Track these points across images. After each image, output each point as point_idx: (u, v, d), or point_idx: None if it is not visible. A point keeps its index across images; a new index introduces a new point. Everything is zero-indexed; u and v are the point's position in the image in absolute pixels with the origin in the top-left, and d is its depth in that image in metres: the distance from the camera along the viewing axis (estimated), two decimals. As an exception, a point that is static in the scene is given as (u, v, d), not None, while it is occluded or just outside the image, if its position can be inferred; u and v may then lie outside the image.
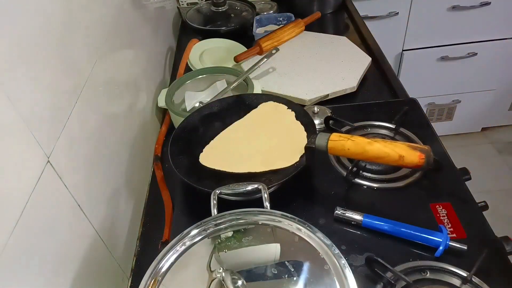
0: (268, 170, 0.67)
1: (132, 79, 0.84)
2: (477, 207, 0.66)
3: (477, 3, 1.65)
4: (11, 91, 0.42)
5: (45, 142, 0.48)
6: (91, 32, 0.66)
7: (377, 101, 0.91)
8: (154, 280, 0.46)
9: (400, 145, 0.61)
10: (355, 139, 0.63)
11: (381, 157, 0.61)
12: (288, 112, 0.77)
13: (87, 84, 0.61)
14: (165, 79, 1.10)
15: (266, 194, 0.56)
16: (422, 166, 0.59)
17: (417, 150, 0.59)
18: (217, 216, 0.53)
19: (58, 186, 0.50)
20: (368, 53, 1.06)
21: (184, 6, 1.38)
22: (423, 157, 0.59)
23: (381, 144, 0.61)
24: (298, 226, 0.50)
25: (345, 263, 0.45)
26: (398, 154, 0.60)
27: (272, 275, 0.46)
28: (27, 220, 0.43)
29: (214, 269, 0.47)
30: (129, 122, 0.79)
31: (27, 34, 0.47)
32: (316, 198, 0.71)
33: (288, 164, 0.68)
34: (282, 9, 1.36)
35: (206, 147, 0.72)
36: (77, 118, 0.56)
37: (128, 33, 0.85)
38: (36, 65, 0.49)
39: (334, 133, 0.65)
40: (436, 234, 0.59)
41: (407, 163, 0.60)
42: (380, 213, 0.63)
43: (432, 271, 0.56)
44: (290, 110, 0.77)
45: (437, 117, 2.02)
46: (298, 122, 0.74)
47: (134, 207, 0.76)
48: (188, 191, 0.74)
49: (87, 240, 0.57)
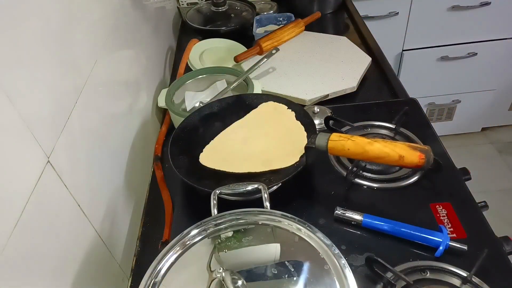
0: (268, 170, 0.67)
1: (132, 79, 0.84)
2: (477, 207, 0.66)
3: (477, 3, 1.65)
4: (11, 91, 0.42)
5: (45, 142, 0.48)
6: (91, 32, 0.66)
7: (377, 101, 0.91)
8: (154, 280, 0.46)
9: (400, 145, 0.61)
10: (355, 139, 0.63)
11: (381, 157, 0.61)
12: (288, 112, 0.76)
13: (87, 84, 0.61)
14: (165, 79, 1.10)
15: (266, 194, 0.56)
16: (422, 166, 0.59)
17: (417, 150, 0.59)
18: (217, 216, 0.53)
19: (58, 186, 0.50)
20: (368, 53, 1.06)
21: (184, 6, 1.38)
22: (423, 157, 0.59)
23: (381, 144, 0.62)
24: (298, 226, 0.50)
25: (345, 263, 0.45)
26: (398, 154, 0.60)
27: (272, 275, 0.46)
28: (27, 220, 0.43)
29: (214, 269, 0.47)
30: (129, 122, 0.79)
31: (27, 34, 0.47)
32: (316, 198, 0.71)
33: (288, 164, 0.67)
34: (282, 9, 1.36)
35: (206, 147, 0.72)
36: (77, 118, 0.56)
37: (128, 33, 0.85)
38: (36, 65, 0.49)
39: (334, 133, 0.65)
40: (436, 234, 0.59)
41: (407, 163, 0.60)
42: (380, 213, 0.63)
43: (432, 271, 0.56)
44: (290, 110, 0.77)
45: (437, 117, 2.02)
46: (298, 122, 0.74)
47: (134, 207, 0.76)
48: (188, 191, 0.74)
49: (87, 240, 0.57)
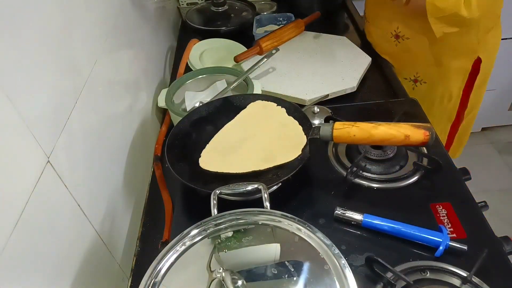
0: (272, 167, 0.67)
1: (132, 79, 0.84)
2: (477, 207, 0.67)
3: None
4: (11, 91, 0.42)
5: (45, 142, 0.48)
6: (91, 32, 0.66)
7: (377, 101, 0.91)
8: (154, 280, 0.46)
9: (404, 126, 0.62)
10: (359, 125, 0.64)
11: (387, 139, 0.63)
12: (278, 109, 0.76)
13: (87, 84, 0.61)
14: (165, 79, 1.10)
15: (266, 194, 0.56)
16: (427, 142, 0.61)
17: (421, 128, 0.61)
18: (217, 216, 0.52)
19: (58, 186, 0.50)
20: (368, 53, 1.06)
21: (184, 6, 1.38)
22: (428, 134, 0.61)
23: (385, 127, 0.63)
24: (298, 226, 0.50)
25: (345, 263, 0.45)
26: (404, 134, 0.62)
27: (272, 275, 0.46)
28: (27, 220, 0.43)
29: (214, 269, 0.47)
30: (129, 122, 0.79)
31: (27, 34, 0.47)
32: (316, 198, 0.71)
33: (292, 157, 0.67)
34: (282, 9, 1.36)
35: (204, 151, 0.71)
36: (77, 118, 0.56)
37: (128, 33, 0.85)
38: (36, 65, 0.49)
39: (336, 122, 0.66)
40: (436, 234, 0.59)
41: (413, 142, 0.62)
42: (380, 213, 0.63)
43: (432, 271, 0.56)
44: (280, 107, 0.77)
45: (437, 117, 2.02)
46: (291, 117, 0.74)
47: (134, 207, 0.76)
48: (188, 191, 0.74)
49: (87, 240, 0.57)
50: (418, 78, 1.08)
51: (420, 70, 1.07)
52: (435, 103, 1.08)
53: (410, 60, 1.05)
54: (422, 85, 1.08)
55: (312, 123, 0.76)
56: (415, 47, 1.02)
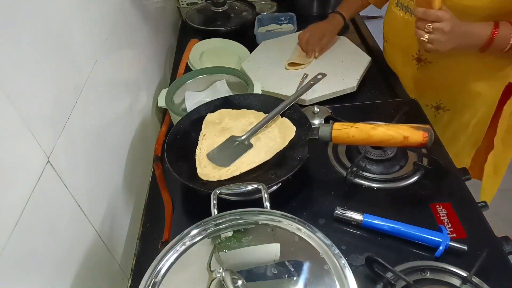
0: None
1: (132, 79, 0.84)
2: (477, 207, 0.67)
3: (477, 3, 1.64)
4: (11, 91, 0.42)
5: (45, 142, 0.48)
6: (91, 32, 0.66)
7: (377, 101, 0.91)
8: (154, 280, 0.46)
9: (403, 127, 0.62)
10: (358, 126, 0.64)
11: (386, 140, 0.63)
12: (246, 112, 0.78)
13: (87, 84, 0.61)
14: (165, 79, 1.10)
15: (266, 194, 0.56)
16: (426, 144, 0.61)
17: (420, 130, 0.61)
18: (217, 216, 0.52)
19: (58, 186, 0.50)
20: (368, 53, 1.06)
21: (184, 6, 1.38)
22: (427, 135, 0.61)
23: (384, 128, 0.63)
24: (298, 226, 0.50)
25: (345, 263, 0.45)
26: (403, 135, 0.61)
27: (272, 275, 0.46)
28: (27, 220, 0.43)
29: (214, 269, 0.47)
30: (129, 122, 0.79)
31: (27, 34, 0.47)
32: (316, 198, 0.71)
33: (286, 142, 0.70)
34: (282, 9, 1.36)
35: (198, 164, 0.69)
36: (77, 118, 0.56)
37: (128, 33, 0.85)
38: (36, 65, 0.49)
39: (335, 122, 0.66)
40: (436, 234, 0.59)
41: (412, 143, 0.62)
42: (380, 213, 0.63)
43: (432, 271, 0.56)
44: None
45: (437, 117, 2.01)
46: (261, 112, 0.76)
47: (134, 207, 0.76)
48: (188, 191, 0.74)
49: (87, 240, 0.57)
50: (441, 105, 0.98)
51: (443, 97, 0.97)
52: (458, 132, 0.99)
53: (433, 85, 0.97)
54: (446, 112, 0.98)
55: (312, 123, 0.76)
56: (438, 72, 0.93)
